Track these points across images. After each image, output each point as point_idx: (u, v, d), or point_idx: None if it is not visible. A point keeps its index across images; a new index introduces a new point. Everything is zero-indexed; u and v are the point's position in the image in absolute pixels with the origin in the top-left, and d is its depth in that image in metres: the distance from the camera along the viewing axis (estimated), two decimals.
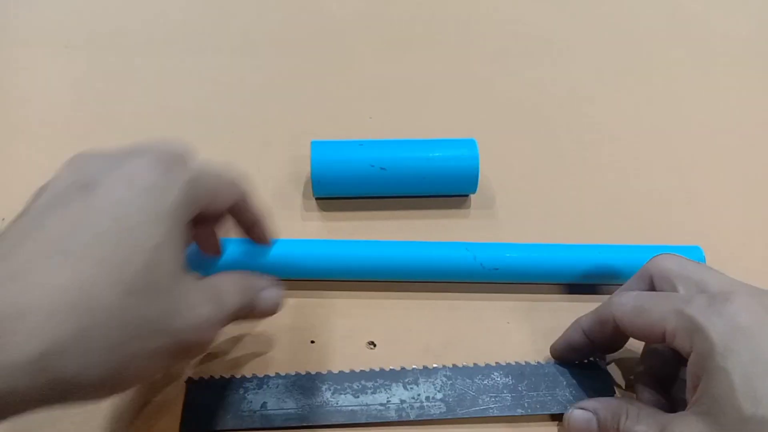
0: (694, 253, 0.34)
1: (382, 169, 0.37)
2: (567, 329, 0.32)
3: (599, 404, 0.28)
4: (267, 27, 0.52)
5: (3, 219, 0.36)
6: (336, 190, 0.38)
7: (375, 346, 0.32)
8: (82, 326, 0.20)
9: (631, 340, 0.30)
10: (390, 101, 0.46)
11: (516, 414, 0.30)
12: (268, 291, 0.28)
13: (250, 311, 0.27)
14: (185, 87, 0.46)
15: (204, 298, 0.24)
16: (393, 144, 0.38)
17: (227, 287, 0.26)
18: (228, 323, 0.26)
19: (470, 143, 0.38)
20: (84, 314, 0.20)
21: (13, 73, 0.46)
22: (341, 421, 0.29)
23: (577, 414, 0.29)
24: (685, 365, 0.25)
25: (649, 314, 0.27)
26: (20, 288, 0.19)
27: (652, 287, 0.29)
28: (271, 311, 0.28)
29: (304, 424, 0.29)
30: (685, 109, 0.47)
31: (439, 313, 0.34)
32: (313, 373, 0.31)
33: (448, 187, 0.38)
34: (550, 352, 0.32)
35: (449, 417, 0.29)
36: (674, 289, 0.28)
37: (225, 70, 0.47)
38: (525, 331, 0.33)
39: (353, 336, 0.32)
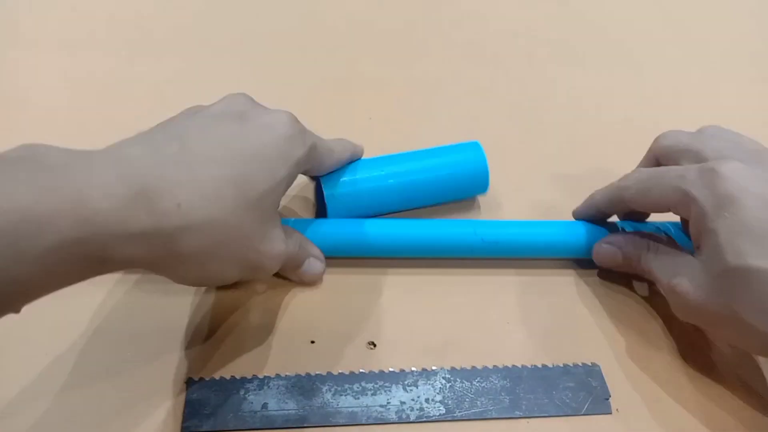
0: None
1: (391, 181, 0.36)
2: (584, 203, 0.37)
3: (624, 239, 0.34)
4: (267, 30, 0.51)
5: None
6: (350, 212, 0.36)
7: (375, 346, 0.32)
8: (211, 217, 0.25)
9: None
10: (389, 102, 0.46)
11: (514, 416, 0.30)
12: (315, 261, 0.33)
13: (296, 267, 0.33)
14: (185, 88, 0.45)
15: (281, 237, 0.29)
16: (399, 157, 0.37)
17: (291, 238, 0.31)
18: (282, 263, 0.30)
19: (474, 145, 0.38)
20: (214, 209, 0.25)
21: (13, 73, 0.45)
22: (342, 422, 0.29)
23: (605, 247, 0.34)
24: None
25: (652, 193, 0.31)
26: (174, 171, 0.24)
27: (658, 164, 0.33)
28: (312, 276, 0.33)
29: (305, 425, 0.29)
30: (686, 108, 0.48)
31: (439, 312, 0.34)
32: (313, 374, 0.31)
33: (460, 191, 0.38)
34: (572, 214, 0.37)
35: (448, 419, 0.30)
36: (677, 163, 0.32)
37: (224, 71, 0.47)
38: (523, 330, 0.34)
39: (353, 336, 0.33)
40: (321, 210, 0.37)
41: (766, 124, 0.44)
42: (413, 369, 0.31)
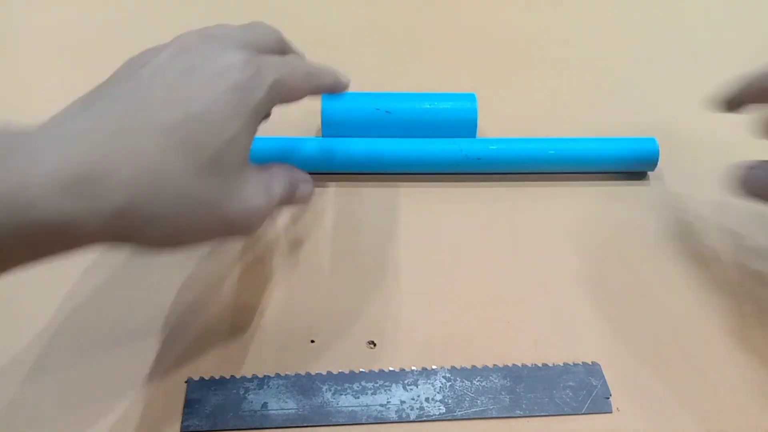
0: (649, 144, 0.41)
1: (387, 112, 0.39)
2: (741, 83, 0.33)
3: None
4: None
5: None
6: (344, 132, 0.40)
7: (375, 345, 0.32)
8: (158, 191, 0.23)
9: None
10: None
11: (515, 415, 0.30)
12: (305, 184, 0.32)
13: (289, 200, 0.31)
14: None
15: (258, 190, 0.27)
16: (398, 94, 0.41)
17: (277, 179, 0.29)
18: (273, 211, 0.29)
19: (470, 96, 0.40)
20: (160, 181, 0.23)
21: (13, 72, 0.46)
22: (342, 421, 0.29)
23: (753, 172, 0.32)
24: None
25: None
26: (116, 146, 0.23)
27: None
28: (304, 201, 0.32)
29: (305, 424, 0.29)
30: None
31: (439, 310, 0.34)
32: (313, 373, 0.31)
33: (448, 133, 0.40)
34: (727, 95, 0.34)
35: (449, 418, 0.30)
36: None
37: None
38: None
39: (353, 336, 0.33)
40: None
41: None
42: (413, 368, 0.31)
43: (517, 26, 0.54)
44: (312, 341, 0.32)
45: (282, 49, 0.31)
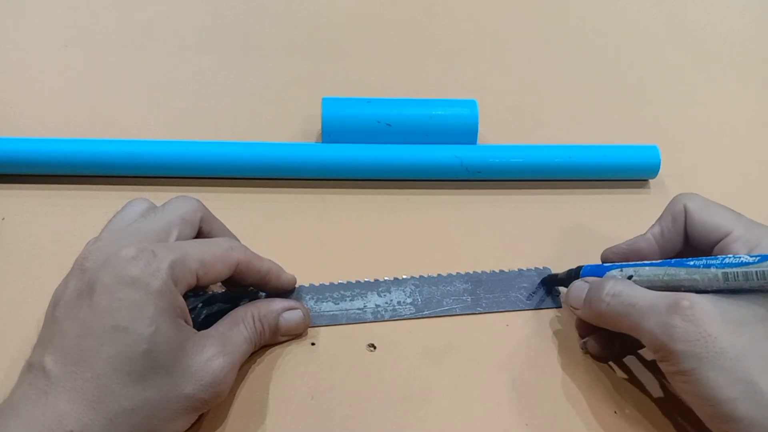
0: (650, 152, 0.41)
1: (387, 125, 0.40)
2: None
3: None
4: (265, 29, 0.52)
5: (3, 218, 0.37)
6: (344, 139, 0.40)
7: (375, 348, 0.33)
8: (109, 416, 0.25)
9: None
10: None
11: (475, 312, 0.34)
12: (288, 313, 0.32)
13: (273, 335, 0.31)
14: (184, 86, 0.47)
15: (213, 353, 0.28)
16: (399, 100, 0.41)
17: (236, 328, 0.30)
18: (244, 359, 0.30)
19: (471, 102, 0.41)
20: (107, 406, 0.25)
21: (13, 73, 0.46)
22: (324, 323, 0.33)
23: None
24: None
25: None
26: (54, 398, 0.25)
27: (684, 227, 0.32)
28: (294, 331, 0.32)
29: None
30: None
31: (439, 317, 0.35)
32: (297, 286, 0.35)
33: (449, 139, 0.41)
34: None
35: (418, 316, 0.34)
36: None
37: (223, 69, 0.48)
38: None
39: (353, 338, 0.33)
40: None
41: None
42: (386, 278, 0.35)
43: (518, 29, 0.54)
44: (312, 344, 0.33)
45: (201, 219, 0.31)
